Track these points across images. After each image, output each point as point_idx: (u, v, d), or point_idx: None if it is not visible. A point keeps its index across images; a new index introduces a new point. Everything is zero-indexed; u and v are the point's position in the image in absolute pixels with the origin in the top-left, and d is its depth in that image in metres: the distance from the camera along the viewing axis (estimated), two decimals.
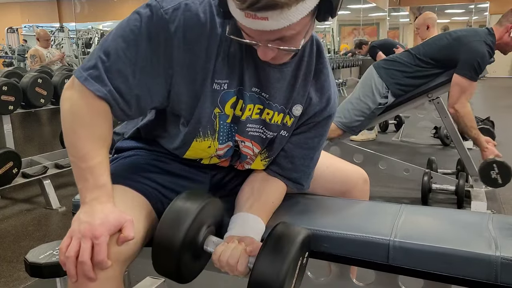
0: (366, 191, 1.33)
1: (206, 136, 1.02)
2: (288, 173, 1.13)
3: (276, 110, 1.04)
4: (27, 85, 3.05)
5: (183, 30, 0.90)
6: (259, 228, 1.03)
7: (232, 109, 1.01)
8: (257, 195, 1.08)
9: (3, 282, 2.04)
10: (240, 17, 0.81)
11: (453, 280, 0.93)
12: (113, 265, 0.86)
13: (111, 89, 0.90)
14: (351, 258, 1.02)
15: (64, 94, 0.94)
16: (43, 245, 1.27)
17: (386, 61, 2.71)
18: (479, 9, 14.53)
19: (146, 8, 0.91)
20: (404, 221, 1.06)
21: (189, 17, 0.90)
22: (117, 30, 0.91)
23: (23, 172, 2.96)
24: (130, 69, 0.90)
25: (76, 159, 0.91)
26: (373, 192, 1.37)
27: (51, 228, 2.74)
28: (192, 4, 0.90)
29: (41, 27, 13.18)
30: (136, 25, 0.90)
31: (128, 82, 0.91)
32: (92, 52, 0.93)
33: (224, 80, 0.97)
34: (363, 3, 11.68)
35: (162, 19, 0.89)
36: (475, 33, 2.50)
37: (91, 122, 0.92)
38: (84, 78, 0.90)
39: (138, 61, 0.90)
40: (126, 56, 0.90)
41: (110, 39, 0.91)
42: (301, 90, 1.04)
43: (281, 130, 1.07)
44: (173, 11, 0.89)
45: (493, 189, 2.84)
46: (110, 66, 0.89)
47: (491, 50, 2.48)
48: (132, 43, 0.90)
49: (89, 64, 0.91)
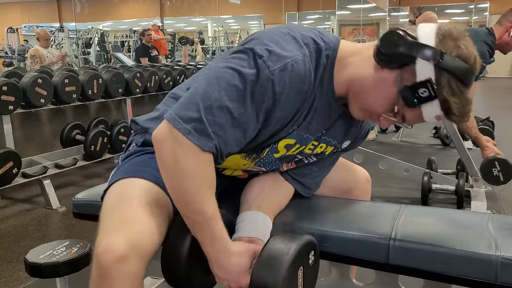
0: (368, 191, 1.35)
1: (249, 157, 1.06)
2: (304, 179, 1.17)
3: (330, 144, 1.10)
4: (27, 85, 3.05)
5: (287, 92, 0.90)
6: (268, 227, 1.05)
7: (286, 149, 1.05)
8: (267, 195, 1.10)
9: (3, 282, 2.04)
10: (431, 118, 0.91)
11: (453, 280, 0.93)
12: (136, 262, 0.85)
13: (216, 143, 0.89)
14: (351, 258, 1.02)
15: (163, 146, 0.89)
16: (43, 245, 1.27)
17: None
18: (479, 9, 14.53)
19: (252, 64, 0.88)
20: (404, 221, 1.06)
21: (294, 78, 0.90)
22: (219, 81, 0.88)
23: (23, 172, 2.96)
24: (231, 123, 0.89)
25: (190, 213, 0.91)
26: (373, 192, 1.38)
27: (51, 228, 2.74)
28: (296, 64, 0.90)
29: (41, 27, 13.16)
30: (241, 82, 0.88)
31: (227, 133, 0.90)
32: (192, 97, 0.89)
33: (296, 126, 1.00)
34: (363, 3, 11.68)
35: (268, 81, 0.88)
36: (475, 33, 2.50)
37: (202, 177, 0.90)
38: (188, 131, 0.86)
39: (241, 118, 0.89)
40: (230, 112, 0.88)
41: (211, 90, 0.88)
42: (355, 130, 1.12)
43: (323, 156, 1.14)
44: (280, 72, 0.88)
45: (493, 189, 2.84)
46: (214, 120, 0.87)
47: (491, 49, 2.48)
48: (235, 99, 0.88)
49: (191, 116, 0.87)
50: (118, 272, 0.83)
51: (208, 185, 0.91)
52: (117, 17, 15.61)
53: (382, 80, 0.91)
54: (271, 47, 0.89)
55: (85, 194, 1.33)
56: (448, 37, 0.88)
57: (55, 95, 3.32)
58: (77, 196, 1.33)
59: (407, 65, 0.88)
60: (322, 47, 0.94)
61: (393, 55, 0.88)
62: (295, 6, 15.15)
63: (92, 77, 3.64)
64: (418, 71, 0.87)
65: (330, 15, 14.15)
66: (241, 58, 0.89)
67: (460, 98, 0.87)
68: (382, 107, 0.93)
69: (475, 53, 0.89)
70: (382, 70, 0.91)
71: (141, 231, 0.88)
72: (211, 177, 0.91)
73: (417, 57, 0.86)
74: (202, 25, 16.25)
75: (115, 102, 4.37)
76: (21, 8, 15.76)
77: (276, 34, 0.93)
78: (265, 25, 15.64)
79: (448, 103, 0.87)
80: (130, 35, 12.18)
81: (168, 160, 0.88)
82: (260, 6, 15.42)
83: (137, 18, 14.74)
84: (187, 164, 0.87)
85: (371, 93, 0.93)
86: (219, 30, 14.81)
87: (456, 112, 0.88)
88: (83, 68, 4.29)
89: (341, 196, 1.26)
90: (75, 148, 3.60)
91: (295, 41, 0.92)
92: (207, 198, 0.90)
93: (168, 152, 0.88)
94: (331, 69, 0.96)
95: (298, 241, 0.92)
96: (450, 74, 0.86)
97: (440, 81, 0.86)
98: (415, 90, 0.87)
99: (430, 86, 0.86)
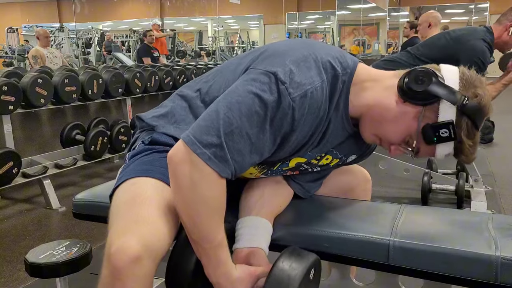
0: (368, 191, 1.35)
1: (258, 169, 1.07)
2: (305, 183, 1.19)
3: (336, 157, 1.11)
4: (27, 85, 3.05)
5: (305, 118, 0.92)
6: (269, 232, 1.06)
7: (295, 165, 1.07)
8: (268, 199, 1.10)
9: (3, 282, 2.04)
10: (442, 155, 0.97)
11: (453, 280, 0.93)
12: (149, 263, 0.85)
13: (233, 169, 0.89)
14: (351, 258, 1.02)
15: (180, 168, 0.88)
16: (43, 245, 1.27)
17: (386, 62, 2.71)
18: (479, 9, 14.53)
19: (273, 89, 0.88)
20: (404, 221, 1.06)
21: (312, 105, 0.91)
22: (241, 106, 0.88)
23: (23, 172, 2.96)
24: (249, 148, 0.90)
25: (198, 238, 0.91)
26: (373, 192, 1.38)
27: (51, 228, 2.74)
28: (315, 91, 0.91)
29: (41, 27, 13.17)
30: (261, 108, 0.88)
31: (244, 159, 0.90)
32: (212, 120, 0.88)
33: (311, 149, 1.02)
34: (363, 3, 11.68)
35: (289, 108, 0.89)
36: (474, 31, 2.50)
37: (215, 204, 0.91)
38: (208, 157, 0.86)
39: (258, 143, 0.90)
40: (249, 138, 0.89)
41: (232, 116, 0.87)
42: (363, 147, 1.13)
43: (328, 167, 1.15)
44: (300, 99, 0.89)
45: (493, 189, 2.84)
46: (233, 146, 0.88)
47: (490, 48, 2.47)
48: (255, 125, 0.88)
49: (211, 141, 0.86)
50: (131, 272, 0.84)
51: (220, 212, 0.92)
52: (117, 17, 15.62)
53: (404, 113, 0.95)
54: (293, 73, 0.90)
55: (85, 195, 1.33)
56: (471, 84, 0.93)
57: (55, 95, 3.32)
58: (77, 196, 1.33)
59: (431, 104, 0.92)
60: (339, 73, 0.95)
61: (421, 92, 0.92)
62: (295, 6, 15.15)
63: (92, 77, 3.64)
64: (441, 111, 0.92)
65: (330, 15, 14.15)
66: (263, 81, 0.89)
67: (473, 141, 0.94)
68: (399, 138, 0.98)
69: (490, 101, 0.94)
70: (404, 104, 0.95)
71: (154, 232, 0.88)
72: (223, 203, 0.92)
73: (443, 98, 0.91)
74: (202, 25, 16.26)
75: (115, 102, 4.37)
76: (21, 8, 15.77)
77: (299, 57, 0.93)
78: (265, 25, 15.64)
79: (463, 145, 0.94)
80: (130, 35, 12.19)
81: (185, 184, 0.88)
82: (260, 6, 15.42)
83: (137, 18, 14.74)
84: (203, 189, 0.87)
85: (391, 124, 0.97)
86: (219, 30, 14.82)
87: (466, 153, 0.95)
88: (83, 68, 4.29)
89: (341, 196, 1.26)
90: (75, 148, 3.60)
91: (316, 66, 0.93)
92: (217, 226, 0.91)
93: (184, 175, 0.87)
94: (346, 94, 0.98)
95: (305, 263, 0.92)
96: (469, 118, 0.92)
97: (460, 124, 0.91)
98: (437, 130, 0.92)
99: (452, 128, 0.91)
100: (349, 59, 1.00)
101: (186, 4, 15.24)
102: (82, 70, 3.99)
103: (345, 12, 12.46)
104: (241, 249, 1.01)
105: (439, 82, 0.92)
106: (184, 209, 0.90)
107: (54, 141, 3.75)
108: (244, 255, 1.00)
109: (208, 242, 0.90)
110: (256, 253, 0.99)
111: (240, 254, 1.00)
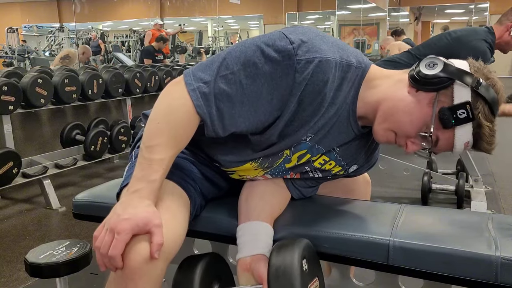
0: (367, 193, 1.35)
1: (261, 166, 1.07)
2: (303, 189, 1.19)
3: (339, 164, 1.09)
4: (27, 85, 3.05)
5: (306, 83, 0.90)
6: (270, 235, 1.05)
7: (297, 159, 1.06)
8: (268, 202, 1.10)
9: (3, 282, 2.04)
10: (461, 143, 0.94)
11: (453, 280, 0.93)
12: (161, 263, 0.86)
13: (212, 111, 0.90)
14: (351, 258, 1.02)
15: (168, 87, 0.95)
16: (43, 245, 1.27)
17: (386, 62, 2.71)
18: (479, 9, 14.52)
19: (281, 46, 0.89)
20: (404, 221, 1.06)
21: (317, 75, 0.90)
22: (241, 55, 0.90)
23: (23, 172, 2.96)
24: (240, 98, 0.90)
25: (145, 147, 0.91)
26: (373, 192, 1.37)
27: (51, 228, 2.74)
28: (324, 62, 0.89)
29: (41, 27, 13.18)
30: (260, 60, 0.89)
31: (233, 109, 0.90)
32: (213, 62, 0.92)
33: (312, 135, 1.00)
34: (363, 3, 11.68)
35: (291, 67, 0.88)
36: (475, 32, 2.50)
37: (177, 125, 0.92)
38: (192, 88, 0.90)
39: (251, 95, 0.90)
40: (242, 87, 0.89)
41: (231, 62, 0.90)
42: (365, 156, 1.12)
43: (329, 174, 1.13)
44: (305, 63, 0.88)
45: (493, 189, 2.84)
46: (222, 89, 0.89)
47: (491, 48, 2.47)
48: (250, 76, 0.89)
49: (203, 77, 0.90)
50: (144, 273, 0.84)
51: (176, 137, 0.92)
52: (117, 17, 15.61)
53: (418, 101, 0.93)
54: (306, 41, 0.90)
55: (85, 195, 1.33)
56: (481, 70, 0.92)
57: (55, 95, 3.32)
58: (77, 196, 1.33)
59: (444, 88, 0.91)
60: (353, 63, 0.95)
61: (433, 77, 0.90)
62: (295, 6, 15.14)
63: (92, 77, 3.64)
64: (456, 94, 0.90)
65: (330, 15, 14.14)
66: (271, 37, 0.91)
67: (492, 125, 0.92)
68: (415, 129, 0.94)
69: (503, 88, 0.94)
70: (417, 93, 0.93)
71: (166, 233, 0.88)
72: (185, 136, 0.93)
73: (457, 80, 0.90)
74: (202, 25, 16.24)
75: (115, 102, 4.36)
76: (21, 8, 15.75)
77: (318, 33, 0.94)
78: (265, 25, 15.64)
79: (482, 128, 0.91)
80: (130, 35, 12.18)
81: (165, 98, 0.94)
82: (260, 6, 15.41)
83: (137, 18, 14.74)
84: (176, 109, 0.91)
85: (405, 115, 0.94)
86: (219, 30, 14.80)
87: (487, 139, 0.93)
88: (83, 68, 4.29)
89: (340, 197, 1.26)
90: (75, 148, 3.60)
91: (331, 45, 0.93)
92: (167, 146, 0.91)
93: (168, 93, 0.95)
94: (357, 88, 0.97)
95: (296, 250, 0.92)
96: (484, 101, 0.90)
97: (476, 105, 0.90)
98: (454, 111, 0.90)
99: (469, 108, 0.89)
100: (364, 58, 1.00)
101: (186, 4, 15.23)
102: (82, 70, 3.99)
103: (345, 12, 12.45)
104: (244, 258, 1.01)
105: (450, 65, 0.91)
106: (151, 116, 0.93)
107: (54, 141, 3.75)
108: (248, 264, 1.00)
109: (150, 152, 0.90)
110: (259, 260, 0.99)
111: (244, 263, 1.00)
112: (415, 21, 15.87)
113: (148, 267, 0.84)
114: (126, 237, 0.83)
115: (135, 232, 0.84)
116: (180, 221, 0.95)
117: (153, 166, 0.89)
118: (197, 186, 1.09)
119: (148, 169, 0.89)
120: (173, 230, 0.91)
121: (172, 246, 0.89)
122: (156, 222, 0.86)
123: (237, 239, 1.05)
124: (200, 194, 1.10)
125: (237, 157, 1.05)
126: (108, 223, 0.86)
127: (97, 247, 0.85)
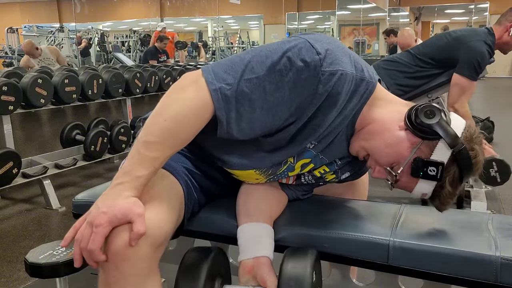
0: (364, 196, 1.35)
1: (264, 173, 1.07)
2: (299, 193, 1.20)
3: (333, 170, 1.11)
4: (27, 85, 3.05)
5: (327, 95, 0.91)
6: (271, 236, 1.05)
7: (301, 168, 1.06)
8: (267, 203, 1.11)
9: (3, 282, 2.04)
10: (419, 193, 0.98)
11: (453, 280, 0.93)
12: (144, 246, 0.84)
13: (231, 114, 0.89)
14: (351, 258, 1.02)
15: (184, 82, 0.91)
16: (43, 245, 1.27)
17: (386, 62, 2.71)
18: (479, 9, 14.52)
19: (307, 56, 0.88)
20: (404, 221, 1.06)
21: (336, 88, 0.90)
22: (268, 60, 0.89)
23: (23, 172, 2.96)
24: (261, 103, 0.89)
25: (142, 141, 0.88)
26: (373, 192, 1.37)
27: (51, 228, 2.74)
28: (344, 76, 0.90)
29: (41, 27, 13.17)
30: (286, 68, 0.88)
31: (253, 114, 0.90)
32: (235, 63, 0.90)
33: (315, 142, 1.00)
34: (363, 3, 11.68)
35: (315, 77, 0.89)
36: (475, 32, 2.50)
37: (184, 126, 0.89)
38: (214, 88, 0.87)
39: (273, 101, 0.90)
40: (265, 91, 0.89)
41: (257, 66, 0.89)
42: (357, 163, 1.12)
43: (323, 180, 1.15)
44: (329, 76, 0.89)
45: (493, 189, 2.84)
46: (245, 92, 0.88)
47: (491, 49, 2.48)
48: (274, 82, 0.89)
49: (227, 78, 0.88)
50: (126, 256, 0.83)
51: (179, 141, 0.90)
52: (117, 17, 15.61)
53: (402, 140, 0.95)
54: (330, 51, 0.90)
55: (85, 195, 1.33)
56: (472, 139, 0.94)
57: (55, 95, 3.32)
58: (77, 196, 1.33)
59: (429, 140, 0.93)
60: (366, 77, 0.96)
61: (426, 125, 0.92)
62: (295, 6, 15.14)
63: (92, 77, 3.64)
64: (436, 151, 0.93)
65: (330, 15, 14.15)
66: (298, 46, 0.90)
67: (453, 190, 0.94)
68: (386, 161, 0.97)
69: (482, 162, 0.96)
70: (406, 131, 0.95)
71: (150, 219, 0.86)
72: (186, 139, 0.91)
73: (444, 138, 0.92)
74: (202, 25, 16.25)
75: (115, 102, 4.36)
76: (21, 8, 15.75)
77: (338, 45, 0.94)
78: (265, 25, 15.64)
79: (443, 189, 0.94)
80: (130, 35, 12.18)
81: (177, 94, 0.89)
82: (260, 6, 15.41)
83: (137, 18, 14.74)
84: (188, 109, 0.88)
85: (385, 145, 0.96)
86: (219, 30, 14.81)
87: (443, 200, 0.96)
88: (83, 68, 4.29)
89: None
90: (75, 148, 3.60)
91: (350, 59, 0.94)
92: (165, 145, 0.88)
93: (184, 86, 0.90)
94: (363, 103, 0.98)
95: (308, 259, 0.95)
96: (458, 168, 0.93)
97: (448, 169, 0.92)
98: (426, 166, 0.93)
99: (441, 169, 0.92)
100: (374, 72, 1.01)
101: (186, 4, 15.23)
102: (82, 70, 3.99)
103: (345, 12, 12.45)
104: (246, 260, 1.01)
105: (446, 122, 0.93)
106: (157, 109, 0.90)
107: (54, 141, 3.75)
108: (250, 266, 1.00)
109: (146, 148, 0.87)
110: (262, 262, 0.99)
111: (247, 265, 1.00)
112: (415, 21, 15.89)
113: (130, 251, 0.82)
114: (104, 231, 0.82)
115: (114, 224, 0.83)
116: (170, 208, 0.92)
117: (145, 163, 0.87)
118: (194, 180, 1.08)
119: (137, 165, 0.87)
120: (160, 216, 0.89)
121: (157, 231, 0.87)
122: (137, 211, 0.83)
123: (238, 240, 1.05)
124: (199, 190, 1.09)
125: (240, 161, 1.04)
126: (89, 216, 0.84)
127: (77, 239, 0.84)
